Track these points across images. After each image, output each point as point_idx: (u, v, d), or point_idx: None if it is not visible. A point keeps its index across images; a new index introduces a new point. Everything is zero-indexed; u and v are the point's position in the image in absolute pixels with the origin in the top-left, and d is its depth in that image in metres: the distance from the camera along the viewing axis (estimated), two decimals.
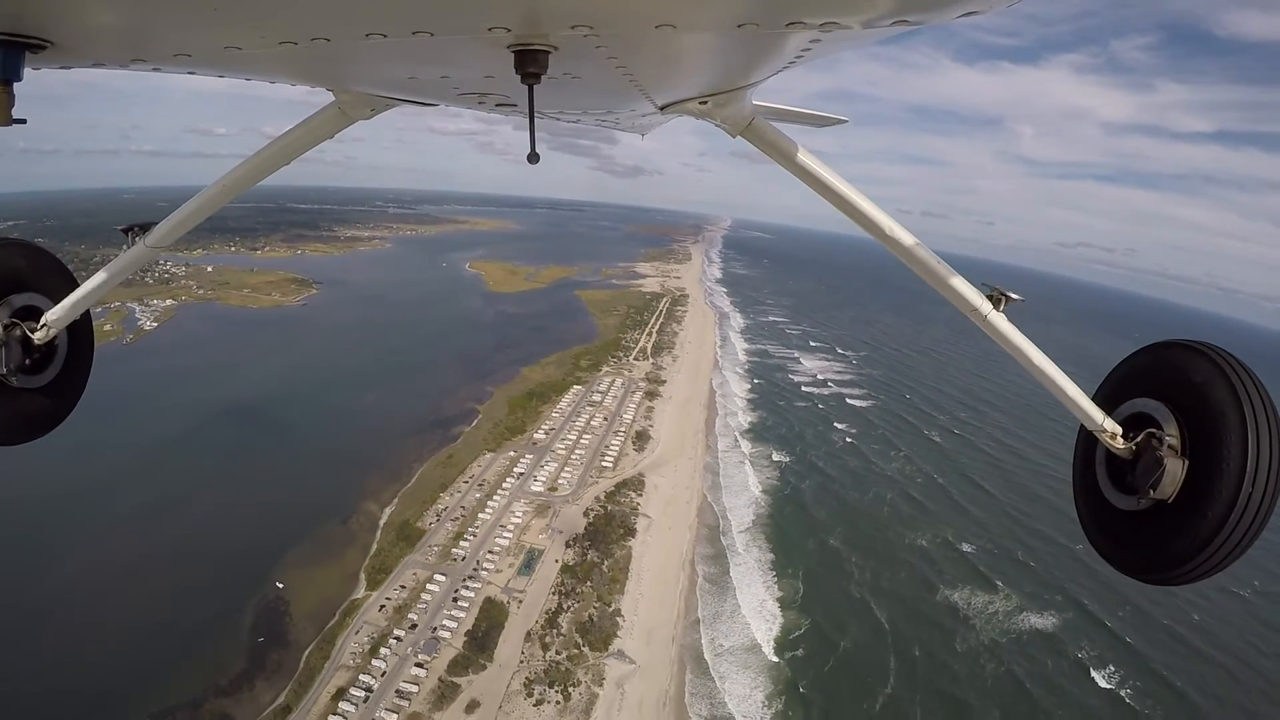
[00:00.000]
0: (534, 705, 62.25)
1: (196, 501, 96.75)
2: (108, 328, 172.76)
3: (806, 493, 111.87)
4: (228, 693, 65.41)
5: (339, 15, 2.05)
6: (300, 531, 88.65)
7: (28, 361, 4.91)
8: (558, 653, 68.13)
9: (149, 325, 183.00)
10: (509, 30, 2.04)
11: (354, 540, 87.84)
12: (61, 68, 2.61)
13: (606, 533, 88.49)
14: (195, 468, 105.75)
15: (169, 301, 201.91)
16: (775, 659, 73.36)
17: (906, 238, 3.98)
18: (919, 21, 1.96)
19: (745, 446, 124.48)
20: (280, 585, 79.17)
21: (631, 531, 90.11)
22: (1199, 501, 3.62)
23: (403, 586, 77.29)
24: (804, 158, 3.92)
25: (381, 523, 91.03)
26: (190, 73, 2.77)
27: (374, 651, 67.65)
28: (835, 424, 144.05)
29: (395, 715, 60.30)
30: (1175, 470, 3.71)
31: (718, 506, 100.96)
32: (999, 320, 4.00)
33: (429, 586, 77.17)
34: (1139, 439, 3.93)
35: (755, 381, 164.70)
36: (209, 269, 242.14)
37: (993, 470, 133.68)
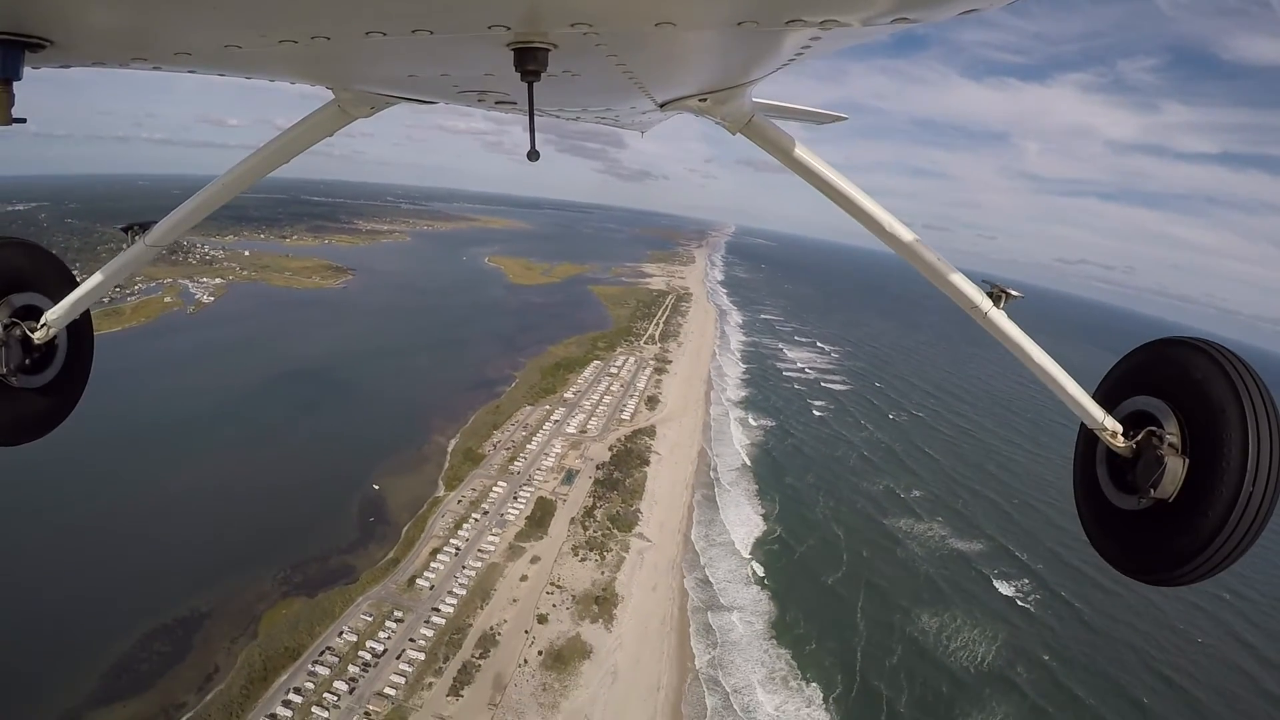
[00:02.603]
0: (580, 561, 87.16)
1: (290, 433, 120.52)
2: (167, 299, 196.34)
3: (783, 448, 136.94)
4: (347, 552, 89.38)
5: (339, 14, 2.07)
6: (383, 455, 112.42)
7: (28, 361, 4.94)
8: (595, 532, 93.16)
9: (206, 299, 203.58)
10: (509, 28, 2.05)
11: (429, 460, 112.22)
12: (61, 66, 2.70)
13: (627, 461, 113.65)
14: (281, 410, 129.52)
15: (218, 280, 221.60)
16: (752, 552, 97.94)
17: (907, 235, 4.02)
18: (918, 19, 1.97)
19: (736, 413, 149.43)
20: (376, 487, 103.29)
21: (646, 462, 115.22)
22: (1200, 500, 3.61)
23: (473, 489, 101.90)
24: (805, 156, 3.97)
25: (449, 449, 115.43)
26: (190, 71, 2.88)
27: (457, 527, 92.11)
28: (812, 401, 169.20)
29: (480, 563, 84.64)
30: (1176, 469, 3.71)
31: (712, 451, 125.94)
32: (999, 317, 4.03)
33: (493, 490, 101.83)
34: (1139, 437, 3.93)
35: (748, 366, 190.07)
36: (246, 253, 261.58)
37: (945, 446, 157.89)
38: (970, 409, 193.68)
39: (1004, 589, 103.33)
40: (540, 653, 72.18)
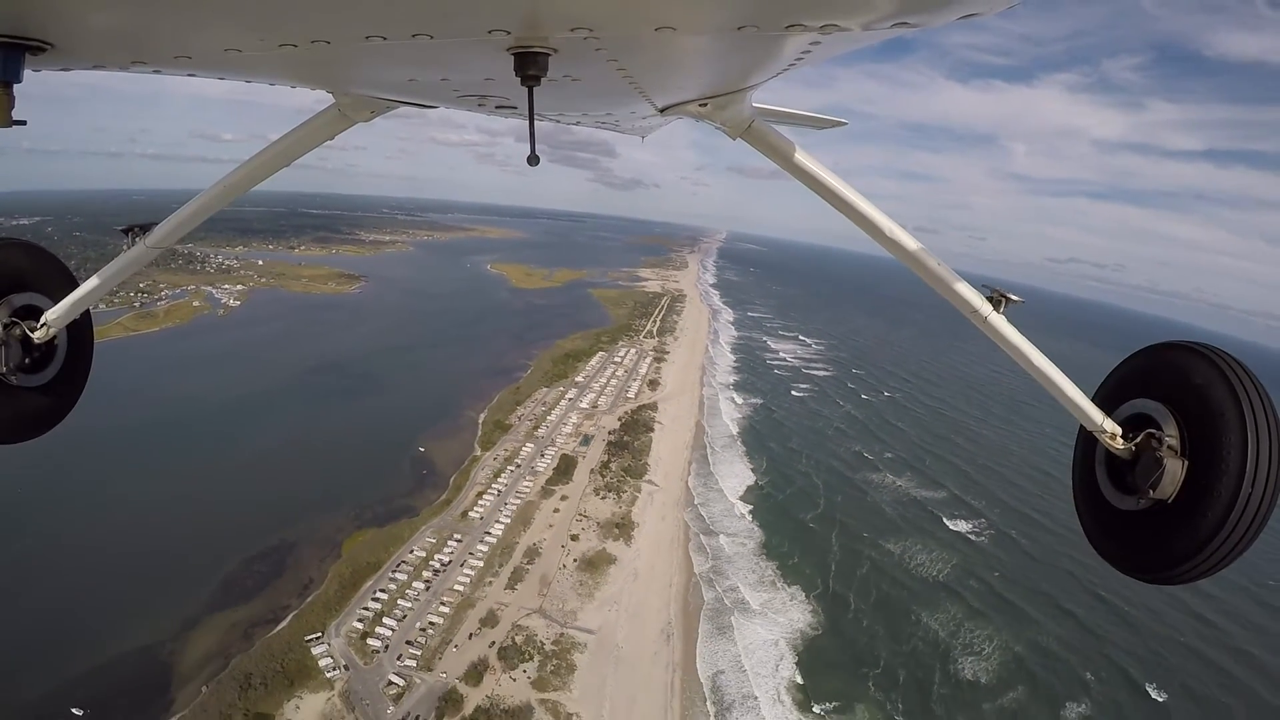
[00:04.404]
0: (601, 499, 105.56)
1: (337, 412, 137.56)
2: (195, 304, 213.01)
3: (767, 421, 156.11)
4: (406, 496, 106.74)
5: (339, 18, 2.09)
6: (423, 426, 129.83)
7: (28, 360, 5.06)
8: (611, 479, 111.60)
9: (232, 303, 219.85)
10: (509, 33, 2.07)
11: (464, 429, 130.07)
12: (62, 69, 2.72)
13: (635, 428, 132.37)
14: (325, 394, 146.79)
15: (240, 286, 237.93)
16: (741, 497, 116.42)
17: (907, 240, 4.07)
18: (918, 24, 1.98)
19: (727, 394, 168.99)
20: (422, 450, 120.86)
21: (650, 429, 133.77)
22: (1199, 501, 3.67)
23: (505, 449, 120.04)
24: (804, 160, 4.02)
25: (480, 421, 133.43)
26: (190, 75, 2.90)
27: (496, 476, 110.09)
28: (795, 384, 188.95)
29: (519, 501, 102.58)
30: (1175, 470, 3.78)
31: (707, 423, 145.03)
32: (999, 321, 4.10)
33: (523, 450, 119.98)
34: (1139, 439, 4.00)
35: (738, 356, 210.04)
36: (260, 262, 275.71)
37: (916, 421, 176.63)
38: (944, 393, 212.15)
39: (958, 527, 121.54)
40: (575, 560, 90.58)
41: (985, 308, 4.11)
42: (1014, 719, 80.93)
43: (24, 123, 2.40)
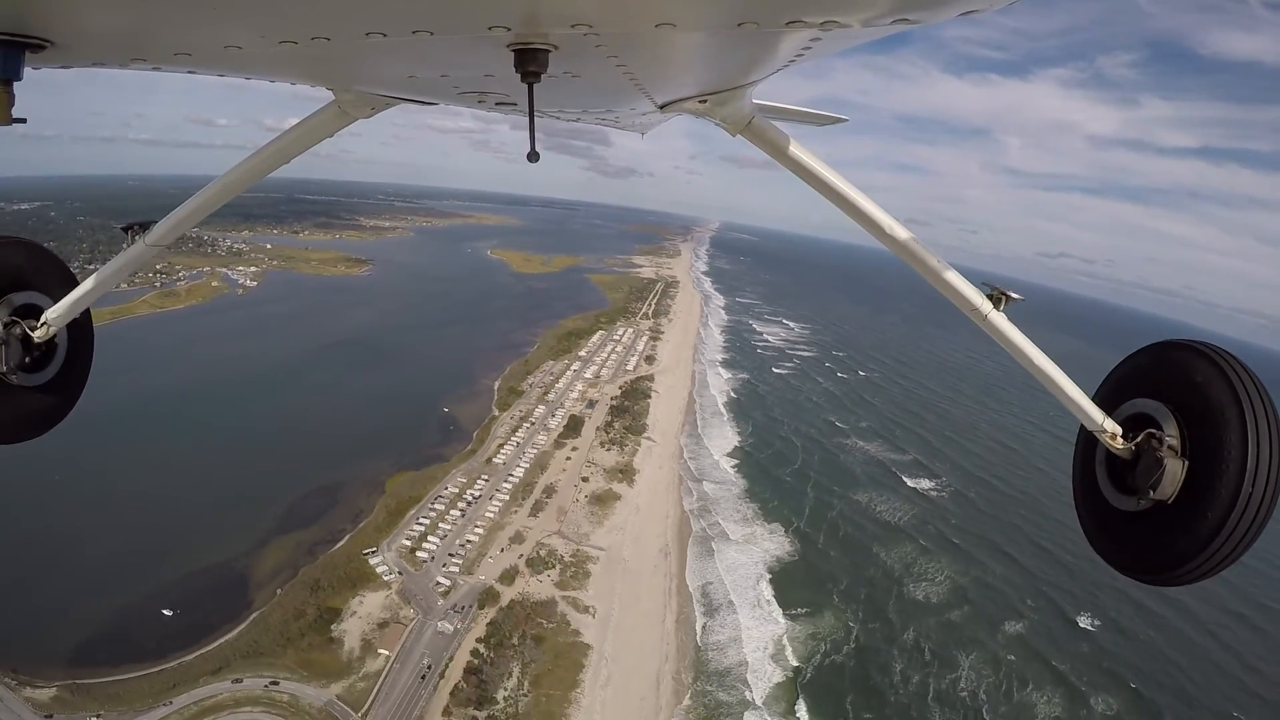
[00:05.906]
0: (606, 451, 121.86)
1: (364, 379, 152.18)
2: (214, 284, 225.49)
3: (752, 393, 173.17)
4: (436, 446, 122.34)
5: (339, 15, 2.09)
6: (445, 391, 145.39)
7: (28, 359, 5.05)
8: (614, 435, 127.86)
9: (249, 284, 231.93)
10: (509, 29, 2.06)
11: (481, 394, 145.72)
12: (61, 67, 2.74)
13: (634, 395, 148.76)
14: (351, 364, 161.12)
15: (254, 268, 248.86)
16: (728, 455, 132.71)
17: (905, 237, 4.07)
18: (919, 20, 1.98)
19: (716, 369, 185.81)
20: (446, 410, 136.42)
21: (648, 396, 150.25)
22: (1199, 502, 3.65)
23: (520, 410, 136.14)
24: (805, 157, 4.01)
25: (495, 387, 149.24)
26: (190, 72, 2.94)
27: (514, 432, 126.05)
28: (780, 363, 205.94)
29: (535, 451, 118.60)
30: (1175, 471, 3.75)
31: (697, 393, 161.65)
32: (999, 320, 4.08)
33: (536, 411, 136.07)
34: (1139, 439, 3.97)
35: (727, 337, 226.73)
36: (268, 246, 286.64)
37: (888, 398, 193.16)
38: (920, 374, 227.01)
39: (920, 485, 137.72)
40: (586, 496, 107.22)
41: (985, 306, 4.12)
42: (957, 630, 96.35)
43: (24, 120, 2.45)
